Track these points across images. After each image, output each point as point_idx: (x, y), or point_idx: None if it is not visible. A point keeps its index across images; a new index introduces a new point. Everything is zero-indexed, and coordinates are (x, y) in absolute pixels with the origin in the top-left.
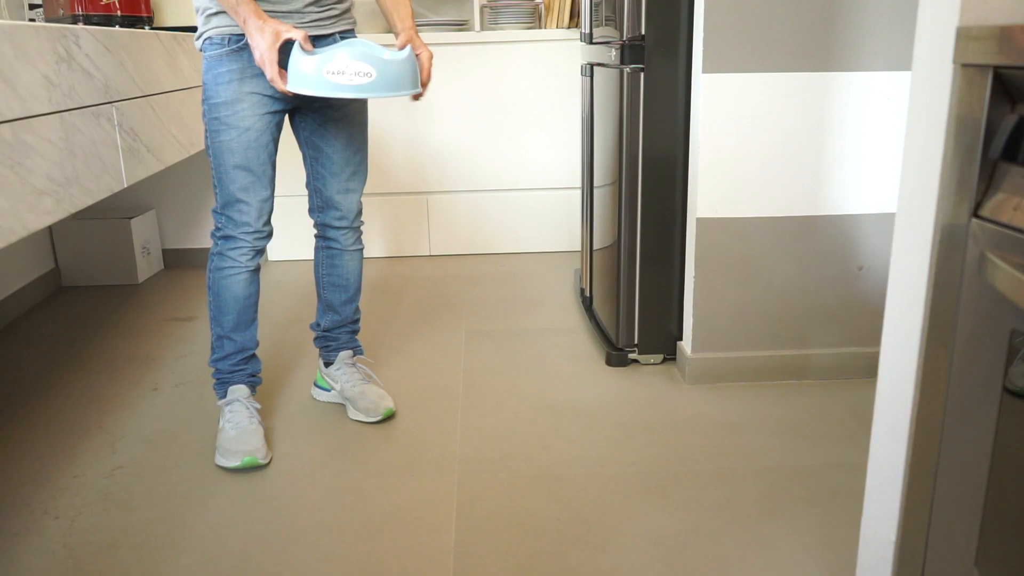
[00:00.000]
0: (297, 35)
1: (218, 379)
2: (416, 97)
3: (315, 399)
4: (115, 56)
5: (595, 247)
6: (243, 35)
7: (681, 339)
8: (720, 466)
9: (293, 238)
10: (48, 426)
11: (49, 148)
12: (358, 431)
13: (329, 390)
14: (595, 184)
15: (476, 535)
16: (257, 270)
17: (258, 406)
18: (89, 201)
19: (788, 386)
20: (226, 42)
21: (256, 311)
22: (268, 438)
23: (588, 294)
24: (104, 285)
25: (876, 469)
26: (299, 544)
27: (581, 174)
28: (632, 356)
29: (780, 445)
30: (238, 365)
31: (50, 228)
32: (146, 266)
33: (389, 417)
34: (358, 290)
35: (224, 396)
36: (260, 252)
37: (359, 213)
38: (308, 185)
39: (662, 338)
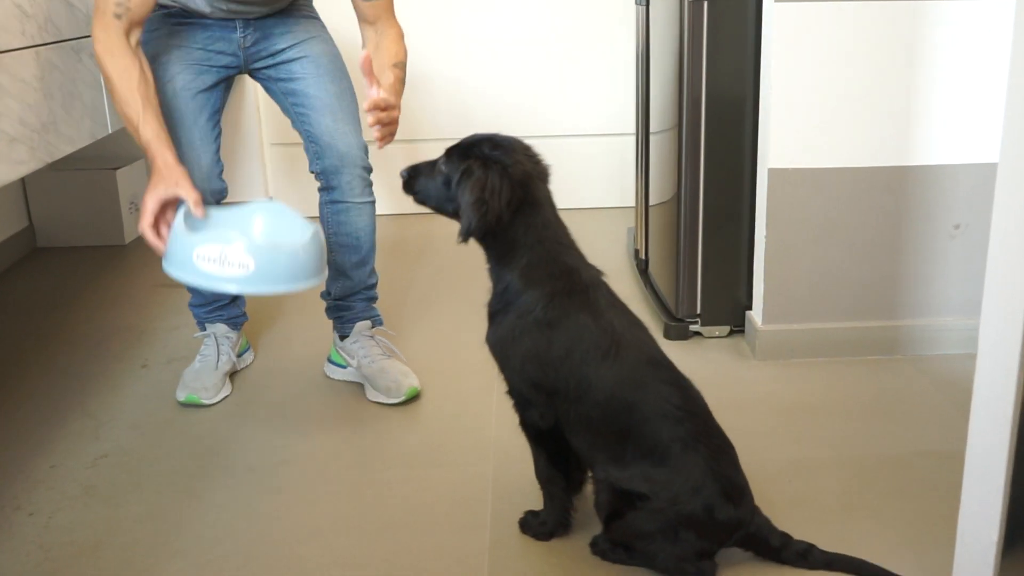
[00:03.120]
0: (188, 196)
1: (196, 318)
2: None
3: (329, 377)
4: None
5: (651, 203)
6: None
7: (750, 308)
8: (795, 454)
9: (295, 192)
10: (21, 409)
11: (22, 88)
12: (378, 414)
13: (345, 367)
14: (651, 130)
15: (514, 534)
16: None
17: (232, 339)
18: (68, 149)
19: (873, 362)
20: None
21: None
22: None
23: (643, 257)
24: (85, 246)
25: (975, 458)
26: (310, 545)
27: (635, 119)
28: (694, 328)
29: (864, 430)
30: (214, 312)
31: (23, 181)
32: (134, 224)
33: (413, 397)
34: (371, 250)
35: (203, 330)
36: None
37: (364, 154)
38: (302, 137)
39: (729, 307)
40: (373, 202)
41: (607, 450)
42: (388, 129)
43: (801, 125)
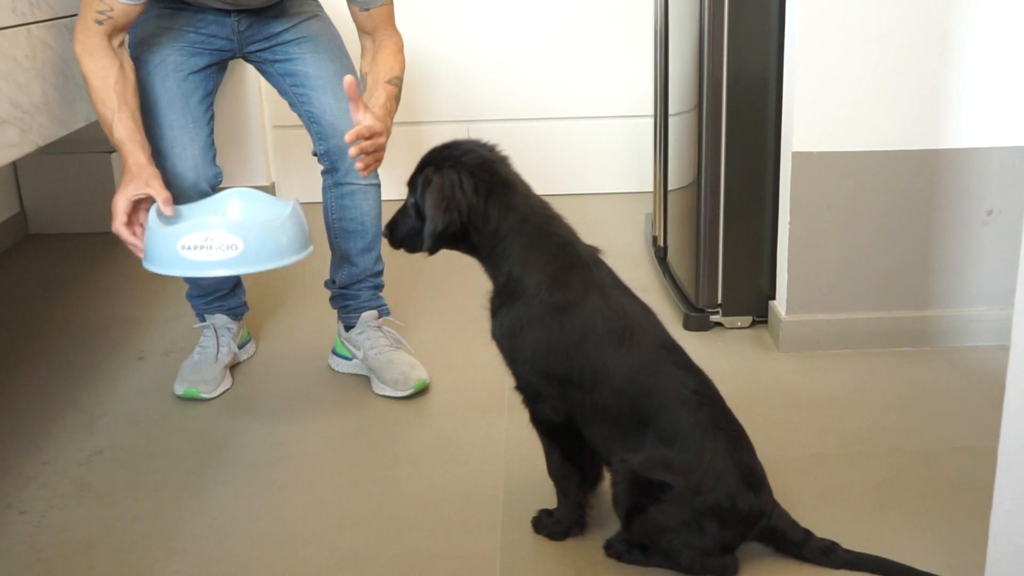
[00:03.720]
0: (158, 196)
1: (194, 309)
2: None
3: (333, 370)
4: None
5: (670, 188)
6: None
7: (774, 298)
8: (820, 450)
9: (299, 176)
10: (12, 403)
11: (13, 68)
12: (385, 408)
13: (350, 359)
14: (670, 112)
15: (527, 533)
16: None
17: (233, 330)
18: (61, 132)
19: (902, 354)
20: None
21: None
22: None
23: (662, 244)
24: (79, 233)
25: (1008, 455)
26: (313, 545)
27: (653, 100)
28: (715, 318)
29: (892, 425)
30: (213, 302)
31: (14, 164)
32: None
33: (422, 390)
34: (378, 235)
35: (203, 321)
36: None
37: None
38: (302, 119)
39: (751, 297)
40: (379, 185)
41: (625, 440)
42: (373, 157)
43: (827, 106)
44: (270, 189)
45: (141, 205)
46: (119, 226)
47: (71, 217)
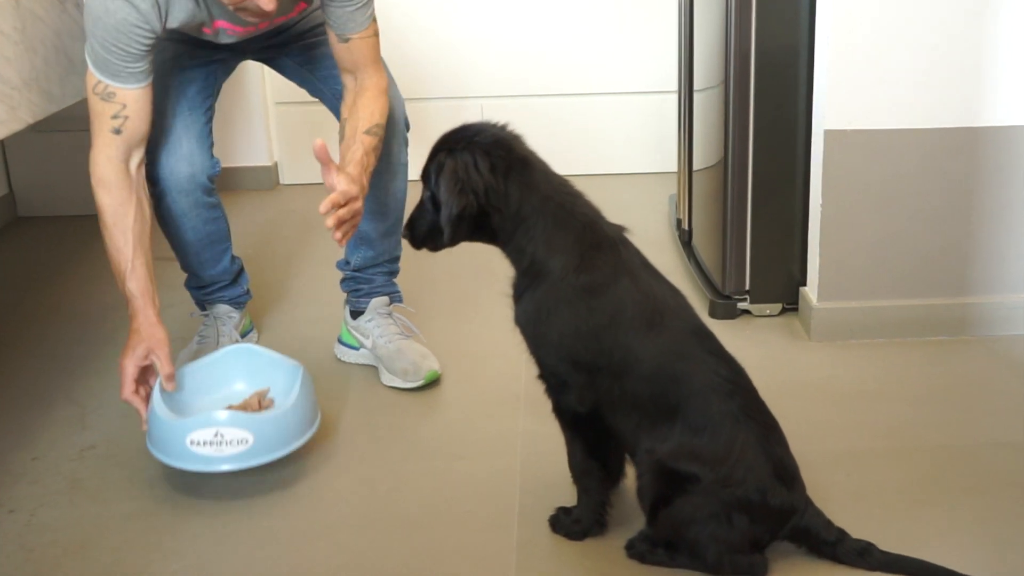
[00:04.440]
0: (162, 369)
1: (194, 300)
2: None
3: (339, 360)
4: None
5: (695, 168)
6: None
7: (805, 284)
8: (854, 445)
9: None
10: (0, 395)
11: (1, 41)
12: (394, 400)
13: (357, 348)
14: (695, 87)
15: (544, 533)
16: (211, 206)
17: (235, 318)
18: (52, 109)
19: (941, 344)
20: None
21: (223, 246)
22: None
23: (686, 227)
24: (71, 215)
25: None
26: (320, 545)
27: (677, 74)
28: (743, 306)
29: (931, 419)
30: (213, 293)
31: (2, 143)
32: None
33: (433, 382)
34: (401, 219)
35: (203, 310)
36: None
37: (404, 107)
38: (327, 98)
39: (781, 283)
40: (407, 164)
41: (653, 430)
42: (350, 224)
43: (861, 81)
44: (272, 170)
45: (148, 368)
46: (128, 395)
47: (62, 198)
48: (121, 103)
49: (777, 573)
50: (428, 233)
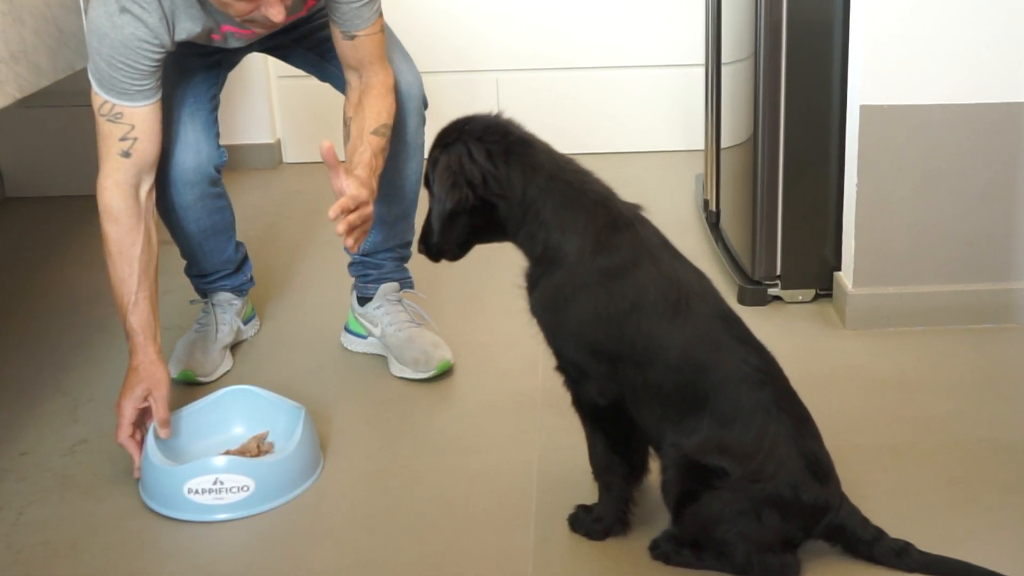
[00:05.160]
0: (157, 414)
1: (194, 287)
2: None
3: (346, 349)
4: None
5: (723, 145)
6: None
7: (839, 269)
8: (892, 439)
9: (308, 132)
10: None
11: None
12: (404, 392)
13: (365, 336)
14: (723, 60)
15: (563, 532)
16: (216, 196)
17: (237, 305)
18: (42, 83)
19: (984, 332)
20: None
21: (227, 235)
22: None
23: (714, 208)
24: (62, 196)
25: None
26: (325, 546)
27: (704, 47)
28: (773, 292)
29: (973, 412)
30: (215, 282)
31: None
32: None
33: (446, 372)
34: (414, 202)
35: (203, 297)
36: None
37: (421, 83)
38: (335, 80)
39: (814, 268)
40: (423, 145)
41: (679, 423)
42: (361, 230)
43: (899, 54)
44: (275, 147)
45: (147, 411)
46: (124, 439)
47: (53, 178)
48: (129, 123)
49: (810, 574)
50: (443, 240)
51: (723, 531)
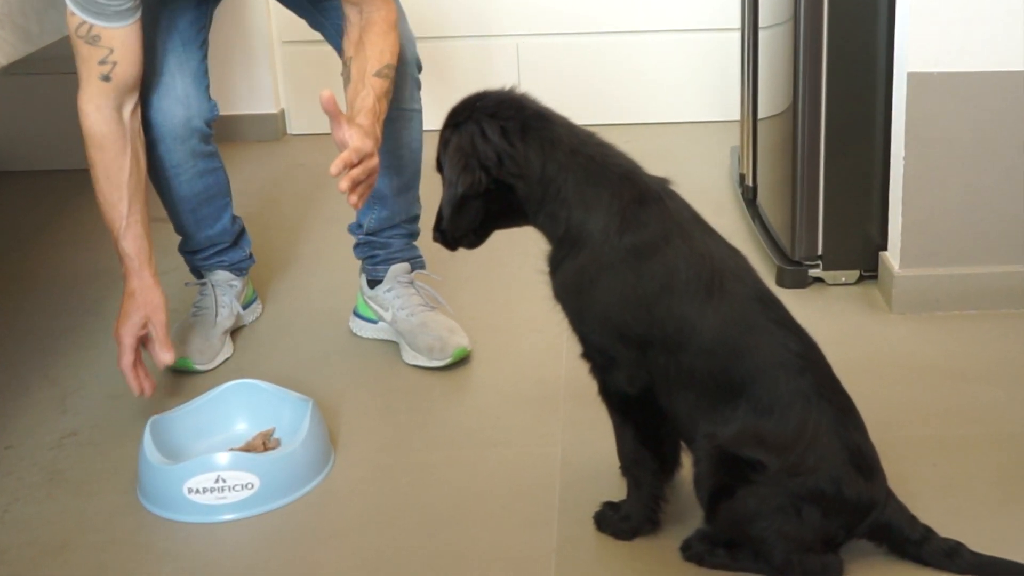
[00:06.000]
0: (157, 335)
1: (189, 265)
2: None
3: (355, 335)
4: None
5: (760, 115)
6: None
7: (885, 249)
8: (941, 431)
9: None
10: None
11: None
12: (418, 381)
13: (375, 321)
14: (760, 24)
15: (588, 532)
16: (208, 155)
17: (237, 287)
18: (28, 49)
19: None
20: None
21: (222, 202)
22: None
23: (750, 183)
24: (50, 170)
25: None
26: (330, 547)
27: (741, 9)
28: (815, 273)
29: None
30: (211, 257)
31: None
32: None
33: (462, 360)
34: (417, 173)
35: (199, 278)
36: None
37: (415, 48)
38: (328, 34)
39: (858, 247)
40: (420, 111)
41: (713, 411)
42: (366, 184)
43: (950, 16)
44: (279, 118)
45: (147, 338)
46: (127, 366)
47: (40, 151)
48: (108, 47)
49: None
50: (458, 224)
51: (760, 529)
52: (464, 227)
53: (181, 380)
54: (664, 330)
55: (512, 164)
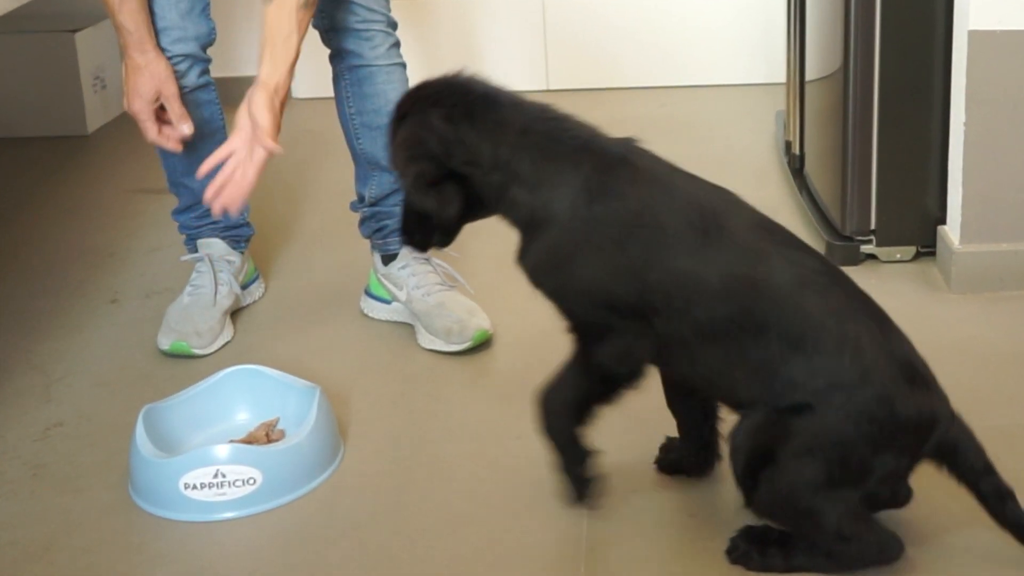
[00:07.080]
0: (172, 109)
1: (183, 231)
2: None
3: (367, 316)
4: None
5: (808, 78)
6: None
7: (944, 223)
8: (1005, 420)
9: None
10: None
11: None
12: (434, 366)
13: (389, 302)
14: None
15: (621, 529)
16: (204, 87)
17: (235, 263)
18: (12, 4)
19: None
20: None
21: (220, 138)
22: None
23: (797, 151)
24: (35, 137)
25: None
26: (342, 546)
27: None
28: (867, 249)
29: None
30: (204, 216)
31: None
32: (100, 107)
33: (483, 343)
34: None
35: (193, 249)
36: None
37: (387, 1)
38: None
39: (914, 222)
40: (403, 65)
41: (744, 359)
42: (237, 187)
43: None
44: None
45: (161, 111)
46: (155, 136)
47: (24, 117)
48: None
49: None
50: (420, 227)
51: (808, 497)
52: (427, 225)
53: (177, 366)
54: (666, 293)
55: (461, 151)
